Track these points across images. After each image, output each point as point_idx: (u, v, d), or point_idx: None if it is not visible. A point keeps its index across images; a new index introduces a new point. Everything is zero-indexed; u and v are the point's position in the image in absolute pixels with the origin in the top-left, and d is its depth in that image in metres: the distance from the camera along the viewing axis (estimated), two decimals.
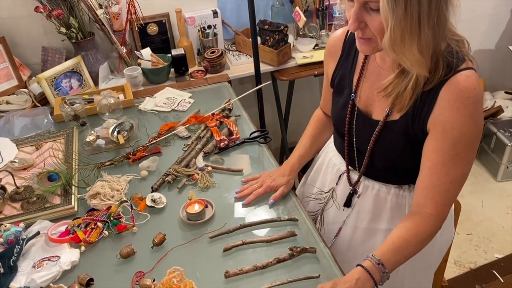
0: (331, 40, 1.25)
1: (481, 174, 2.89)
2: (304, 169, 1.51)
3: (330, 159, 1.34)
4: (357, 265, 1.02)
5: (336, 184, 1.30)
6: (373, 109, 1.12)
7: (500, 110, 2.86)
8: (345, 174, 1.27)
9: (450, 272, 2.26)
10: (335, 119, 1.24)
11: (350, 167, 1.26)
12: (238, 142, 1.55)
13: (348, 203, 1.26)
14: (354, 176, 1.24)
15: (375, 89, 1.10)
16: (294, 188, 1.43)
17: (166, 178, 1.37)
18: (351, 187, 1.25)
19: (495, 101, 2.97)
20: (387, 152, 1.11)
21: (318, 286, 0.99)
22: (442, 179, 1.01)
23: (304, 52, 2.36)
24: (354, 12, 0.93)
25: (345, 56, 1.20)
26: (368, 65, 1.14)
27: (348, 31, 1.20)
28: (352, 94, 1.16)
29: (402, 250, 1.03)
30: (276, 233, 1.17)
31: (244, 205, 1.27)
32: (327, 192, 1.34)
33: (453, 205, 1.37)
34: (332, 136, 1.37)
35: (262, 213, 1.26)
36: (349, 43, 1.19)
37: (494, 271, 2.26)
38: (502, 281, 2.21)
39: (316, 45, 2.41)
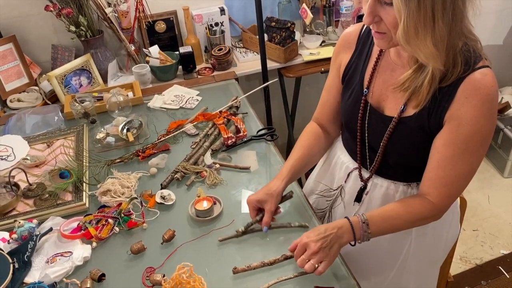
0: (345, 35, 1.24)
1: (488, 170, 2.89)
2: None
3: (338, 157, 1.34)
4: (345, 217, 1.08)
5: (345, 182, 1.31)
6: (386, 105, 1.13)
7: (507, 106, 2.86)
8: (354, 172, 1.28)
9: (456, 268, 2.27)
10: (346, 117, 1.24)
11: (360, 164, 1.26)
12: (245, 139, 1.56)
13: (359, 198, 1.28)
14: (365, 174, 1.25)
15: (389, 85, 1.10)
16: (301, 185, 1.45)
17: (175, 175, 1.39)
18: (362, 183, 1.26)
19: (502, 97, 2.96)
20: (400, 148, 1.12)
21: (304, 235, 1.05)
22: (448, 172, 1.03)
23: (311, 49, 2.37)
24: (368, 6, 0.93)
25: (359, 51, 1.20)
26: (382, 61, 1.14)
27: (362, 26, 1.20)
28: (365, 90, 1.16)
29: (391, 220, 1.08)
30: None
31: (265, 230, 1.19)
32: (336, 189, 1.36)
33: (459, 202, 1.38)
34: (340, 135, 1.38)
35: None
36: (363, 39, 1.19)
37: (500, 267, 2.27)
38: (508, 277, 2.22)
39: (323, 41, 2.42)
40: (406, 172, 1.18)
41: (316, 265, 1.01)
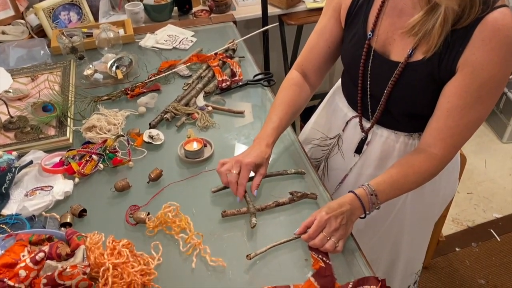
0: None
1: (486, 134, 2.85)
2: (305, 118, 1.46)
3: (337, 104, 1.27)
4: (349, 192, 1.00)
5: (343, 130, 1.25)
6: (392, 49, 1.04)
7: None
8: (352, 120, 1.21)
9: (448, 229, 2.26)
10: (347, 61, 1.15)
11: (361, 114, 1.18)
12: (240, 83, 1.49)
13: (359, 150, 1.21)
14: (366, 123, 1.18)
15: (397, 29, 1.02)
16: (296, 134, 1.39)
17: (165, 116, 1.33)
18: (363, 134, 1.19)
19: None
20: (406, 96, 1.04)
21: (320, 211, 0.96)
22: (458, 122, 0.97)
23: None
24: None
25: None
26: (389, 1, 1.04)
27: None
28: (369, 34, 1.07)
29: (399, 185, 1.02)
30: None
31: (240, 201, 1.07)
32: (332, 138, 1.29)
33: (460, 158, 1.33)
34: (340, 79, 1.30)
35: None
36: None
37: (491, 230, 2.26)
38: (499, 240, 2.21)
39: None
40: (409, 122, 1.11)
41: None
